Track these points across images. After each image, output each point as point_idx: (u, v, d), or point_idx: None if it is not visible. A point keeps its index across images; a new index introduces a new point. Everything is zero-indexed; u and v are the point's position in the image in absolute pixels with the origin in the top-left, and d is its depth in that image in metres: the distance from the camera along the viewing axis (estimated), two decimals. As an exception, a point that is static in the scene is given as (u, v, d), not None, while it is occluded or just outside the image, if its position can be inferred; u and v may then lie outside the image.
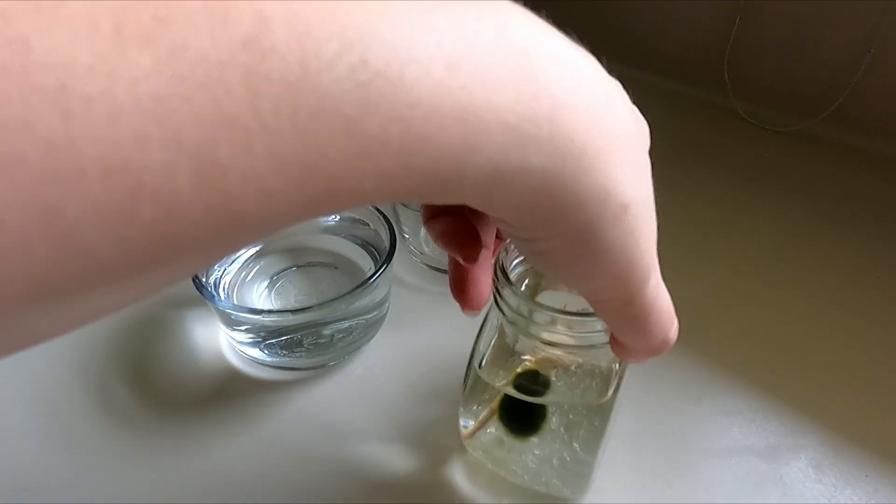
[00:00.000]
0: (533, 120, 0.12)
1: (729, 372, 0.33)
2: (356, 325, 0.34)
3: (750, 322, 0.36)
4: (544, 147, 0.12)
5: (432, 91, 0.11)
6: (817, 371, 0.33)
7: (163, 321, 0.37)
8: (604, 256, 0.15)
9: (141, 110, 0.08)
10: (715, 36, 0.57)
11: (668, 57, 0.62)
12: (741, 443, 0.30)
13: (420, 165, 0.11)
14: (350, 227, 0.39)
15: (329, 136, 0.10)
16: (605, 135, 0.14)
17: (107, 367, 0.34)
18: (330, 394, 0.33)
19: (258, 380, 0.33)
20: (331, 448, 0.30)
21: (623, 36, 0.65)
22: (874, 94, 0.50)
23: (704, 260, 0.40)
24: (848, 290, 0.38)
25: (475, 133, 0.11)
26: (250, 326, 0.32)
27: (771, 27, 0.53)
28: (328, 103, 0.10)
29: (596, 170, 0.13)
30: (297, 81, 0.09)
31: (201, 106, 0.09)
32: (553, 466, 0.26)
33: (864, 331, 0.35)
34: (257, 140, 0.09)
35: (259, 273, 0.38)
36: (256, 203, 0.10)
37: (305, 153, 0.10)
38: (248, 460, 0.30)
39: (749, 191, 0.47)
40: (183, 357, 0.35)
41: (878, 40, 0.47)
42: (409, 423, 0.31)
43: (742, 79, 0.56)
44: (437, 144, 0.11)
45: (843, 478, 0.28)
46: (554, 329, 0.23)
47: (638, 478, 0.28)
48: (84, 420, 0.32)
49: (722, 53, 0.56)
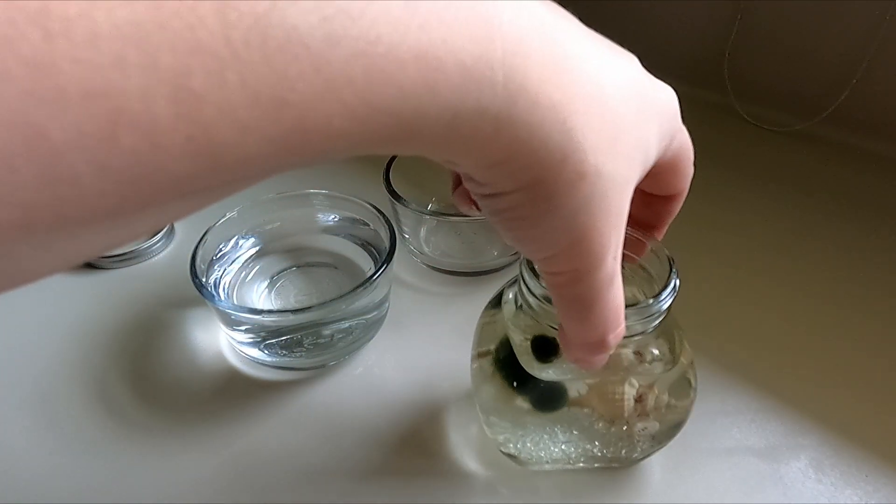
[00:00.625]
0: (488, 62, 0.12)
1: (729, 372, 0.33)
2: (356, 325, 0.34)
3: (750, 322, 0.36)
4: (498, 91, 0.13)
5: (392, 28, 0.11)
6: (817, 371, 0.33)
7: (163, 321, 0.37)
8: (554, 220, 0.15)
9: (119, 34, 0.09)
10: (715, 36, 0.57)
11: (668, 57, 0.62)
12: (741, 443, 0.30)
13: (384, 106, 0.11)
14: (350, 227, 0.39)
15: (297, 69, 0.10)
16: (569, 92, 0.14)
17: (107, 367, 0.34)
18: (330, 394, 0.33)
19: (258, 380, 0.33)
20: (331, 448, 0.30)
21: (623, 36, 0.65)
22: (874, 94, 0.50)
23: (704, 260, 0.39)
24: (848, 289, 0.38)
25: (433, 72, 0.12)
26: (250, 326, 0.32)
27: (771, 27, 0.53)
28: (295, 36, 0.10)
29: (551, 126, 0.13)
30: (265, 13, 0.10)
31: (176, 32, 0.09)
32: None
33: (865, 330, 0.35)
34: (230, 70, 0.10)
35: (259, 273, 0.38)
36: (233, 138, 0.10)
37: (276, 85, 0.10)
38: (248, 460, 0.30)
39: (749, 191, 0.47)
40: (183, 357, 0.35)
41: (878, 40, 0.47)
42: (409, 423, 0.31)
43: (742, 79, 0.56)
44: (399, 84, 0.11)
45: (843, 478, 0.28)
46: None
47: (638, 478, 0.28)
48: (84, 420, 0.32)
49: (722, 53, 0.56)
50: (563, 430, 0.25)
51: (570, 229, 0.15)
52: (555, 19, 0.14)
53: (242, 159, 0.11)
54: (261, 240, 0.39)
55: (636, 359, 0.24)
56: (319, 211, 0.39)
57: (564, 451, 0.26)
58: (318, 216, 0.39)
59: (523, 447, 0.26)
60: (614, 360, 0.24)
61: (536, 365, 0.24)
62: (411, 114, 0.12)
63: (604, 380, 0.24)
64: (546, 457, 0.27)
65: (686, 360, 0.25)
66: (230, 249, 0.37)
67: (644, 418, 0.24)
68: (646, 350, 0.24)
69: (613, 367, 0.24)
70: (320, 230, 0.39)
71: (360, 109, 0.11)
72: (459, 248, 0.40)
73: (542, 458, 0.27)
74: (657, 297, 0.22)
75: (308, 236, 0.39)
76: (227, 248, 0.37)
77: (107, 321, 0.37)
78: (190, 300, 0.38)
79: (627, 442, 0.25)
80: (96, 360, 0.35)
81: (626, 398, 0.24)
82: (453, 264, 0.40)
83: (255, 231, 0.38)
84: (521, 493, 0.28)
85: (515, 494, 0.28)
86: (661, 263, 0.24)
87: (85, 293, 0.39)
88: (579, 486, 0.28)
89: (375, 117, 0.12)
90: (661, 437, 0.25)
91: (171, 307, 0.38)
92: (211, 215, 0.36)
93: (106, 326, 0.37)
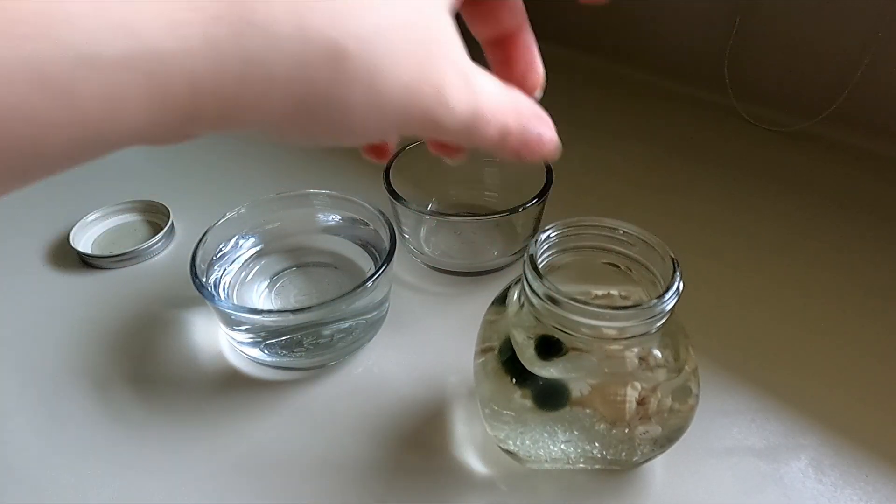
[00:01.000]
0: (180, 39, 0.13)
1: (729, 372, 0.33)
2: (356, 325, 0.34)
3: (750, 322, 0.36)
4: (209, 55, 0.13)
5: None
6: (817, 371, 0.33)
7: (163, 321, 0.37)
8: (356, 109, 0.14)
9: None
10: (715, 36, 0.57)
11: (668, 57, 0.62)
12: (741, 443, 0.30)
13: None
14: (350, 227, 0.39)
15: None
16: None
17: (107, 367, 0.34)
18: (330, 394, 0.33)
19: (258, 380, 0.33)
20: (331, 447, 0.30)
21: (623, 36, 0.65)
22: (874, 94, 0.50)
23: (704, 259, 0.39)
24: (848, 289, 0.38)
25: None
26: (250, 326, 0.32)
27: (771, 27, 0.53)
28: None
29: (275, 53, 0.13)
30: None
31: None
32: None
33: (865, 330, 0.35)
34: None
35: (259, 273, 0.38)
36: None
37: None
38: (247, 460, 0.30)
39: (749, 191, 0.47)
40: (183, 357, 0.35)
41: (878, 40, 0.47)
42: (409, 423, 0.31)
43: (742, 79, 0.56)
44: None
45: (843, 478, 0.28)
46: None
47: (638, 477, 0.28)
48: (84, 420, 0.32)
49: (722, 53, 0.56)
50: (564, 430, 0.25)
51: (379, 108, 0.15)
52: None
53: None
54: (261, 240, 0.39)
55: (641, 364, 0.24)
56: (319, 211, 0.39)
57: (564, 451, 0.26)
58: (318, 216, 0.39)
59: (522, 445, 0.26)
60: (617, 363, 0.24)
61: (538, 363, 0.24)
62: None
63: (607, 381, 0.24)
64: (545, 455, 0.27)
65: (690, 367, 0.25)
66: (230, 249, 0.37)
67: (646, 421, 0.24)
68: (650, 355, 0.24)
69: (616, 370, 0.24)
70: (320, 230, 0.39)
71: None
72: (459, 248, 0.40)
73: (542, 456, 0.27)
74: (661, 297, 0.22)
75: (308, 236, 0.39)
76: (227, 248, 0.37)
77: (107, 321, 0.37)
78: (190, 300, 0.38)
79: (628, 445, 0.25)
80: (96, 360, 0.35)
81: (628, 400, 0.24)
82: (453, 264, 0.40)
83: (255, 231, 0.38)
84: (521, 491, 0.28)
85: (516, 493, 0.28)
86: (665, 264, 0.24)
87: (85, 293, 0.39)
88: (579, 485, 0.28)
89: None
90: (662, 442, 0.25)
91: (171, 307, 0.38)
92: (211, 215, 0.36)
93: (106, 326, 0.37)
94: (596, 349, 0.24)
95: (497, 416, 0.26)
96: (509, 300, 0.26)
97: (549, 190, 0.37)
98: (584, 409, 0.24)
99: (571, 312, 0.22)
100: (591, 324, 0.22)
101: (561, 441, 0.26)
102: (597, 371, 0.24)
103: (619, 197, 0.47)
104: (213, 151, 0.55)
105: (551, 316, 0.23)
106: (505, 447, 0.27)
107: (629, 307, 0.22)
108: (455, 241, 0.40)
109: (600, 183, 0.49)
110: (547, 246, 0.25)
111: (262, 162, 0.54)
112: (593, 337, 0.23)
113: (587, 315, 0.22)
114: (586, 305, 0.22)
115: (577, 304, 0.22)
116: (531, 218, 0.38)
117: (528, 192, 0.37)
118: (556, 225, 0.25)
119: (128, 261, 0.42)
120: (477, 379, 0.27)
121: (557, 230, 0.25)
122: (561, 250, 0.25)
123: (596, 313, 0.22)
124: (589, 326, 0.22)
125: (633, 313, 0.22)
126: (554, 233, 0.25)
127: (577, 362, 0.24)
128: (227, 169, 0.53)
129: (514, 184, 0.41)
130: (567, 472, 0.29)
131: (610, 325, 0.22)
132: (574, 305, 0.22)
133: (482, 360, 0.27)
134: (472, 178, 0.44)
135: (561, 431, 0.25)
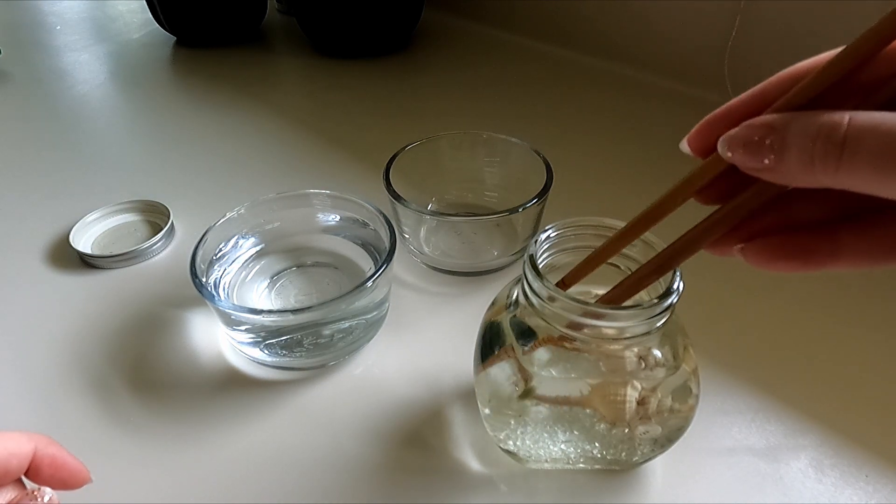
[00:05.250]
0: None
1: (729, 372, 0.33)
2: (356, 325, 0.34)
3: (750, 322, 0.36)
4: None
5: None
6: (817, 371, 0.33)
7: (163, 321, 0.37)
8: None
9: None
10: (715, 36, 0.57)
11: (668, 57, 0.62)
12: (741, 443, 0.30)
13: None
14: (350, 227, 0.39)
15: None
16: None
17: (107, 367, 0.34)
18: (330, 394, 0.33)
19: (258, 380, 0.33)
20: (331, 448, 0.30)
21: (623, 36, 0.65)
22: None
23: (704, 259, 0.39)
24: (848, 289, 0.38)
25: None
26: (250, 326, 0.32)
27: (771, 27, 0.54)
28: None
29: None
30: None
31: None
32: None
33: (865, 331, 0.35)
34: None
35: (259, 273, 0.38)
36: None
37: None
38: (247, 460, 0.30)
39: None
40: (183, 357, 0.35)
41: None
42: (409, 423, 0.31)
43: (742, 79, 0.56)
44: None
45: (843, 478, 0.28)
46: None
47: (638, 477, 0.28)
48: (84, 420, 0.32)
49: (722, 53, 0.56)
50: (564, 430, 0.25)
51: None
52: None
53: None
54: (261, 240, 0.39)
55: (640, 364, 0.24)
56: (320, 211, 0.39)
57: (564, 451, 0.26)
58: (318, 216, 0.39)
59: (522, 444, 0.26)
60: (617, 363, 0.24)
61: (538, 363, 0.24)
62: None
63: (607, 381, 0.24)
64: (545, 455, 0.27)
65: (689, 367, 0.25)
66: (230, 249, 0.37)
67: (646, 422, 0.24)
68: (648, 354, 0.24)
69: (616, 370, 0.24)
70: (320, 230, 0.39)
71: None
72: (459, 248, 0.40)
73: (542, 456, 0.27)
74: (661, 297, 0.22)
75: (308, 236, 0.39)
76: (227, 248, 0.37)
77: (107, 321, 0.37)
78: (190, 300, 0.38)
79: (628, 445, 0.25)
80: (96, 359, 0.35)
81: (628, 400, 0.24)
82: (453, 264, 0.40)
83: (255, 231, 0.38)
84: (521, 491, 0.28)
85: (516, 493, 0.28)
86: None
87: (85, 293, 0.39)
88: (579, 485, 0.28)
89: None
90: (662, 442, 0.25)
91: (171, 307, 0.38)
92: (211, 215, 0.36)
93: (106, 326, 0.37)
94: (596, 349, 0.24)
95: (497, 416, 0.26)
96: (509, 300, 0.26)
97: (549, 190, 0.37)
98: (584, 409, 0.24)
99: (571, 312, 0.22)
100: (592, 323, 0.22)
101: (561, 441, 0.26)
102: (597, 371, 0.24)
103: (618, 197, 0.47)
104: (213, 151, 0.55)
105: (551, 315, 0.23)
106: (505, 447, 0.27)
107: (629, 307, 0.22)
108: (455, 241, 0.40)
109: (600, 183, 0.49)
110: (547, 246, 0.25)
111: (262, 162, 0.54)
112: (593, 337, 0.23)
113: (587, 315, 0.22)
114: (586, 305, 0.22)
115: (577, 303, 0.22)
116: (531, 218, 0.38)
117: (528, 192, 0.37)
118: (556, 225, 0.25)
119: (128, 261, 0.42)
120: (477, 378, 0.27)
121: (557, 230, 0.25)
122: (561, 250, 0.26)
123: (596, 313, 0.22)
124: (589, 326, 0.22)
125: (633, 313, 0.22)
126: (554, 233, 0.25)
127: (577, 362, 0.24)
128: (227, 169, 0.53)
129: (514, 184, 0.41)
130: (567, 472, 0.29)
131: (610, 324, 0.22)
132: (574, 305, 0.22)
133: (482, 360, 0.27)
134: (472, 178, 0.44)
135: (561, 431, 0.25)
